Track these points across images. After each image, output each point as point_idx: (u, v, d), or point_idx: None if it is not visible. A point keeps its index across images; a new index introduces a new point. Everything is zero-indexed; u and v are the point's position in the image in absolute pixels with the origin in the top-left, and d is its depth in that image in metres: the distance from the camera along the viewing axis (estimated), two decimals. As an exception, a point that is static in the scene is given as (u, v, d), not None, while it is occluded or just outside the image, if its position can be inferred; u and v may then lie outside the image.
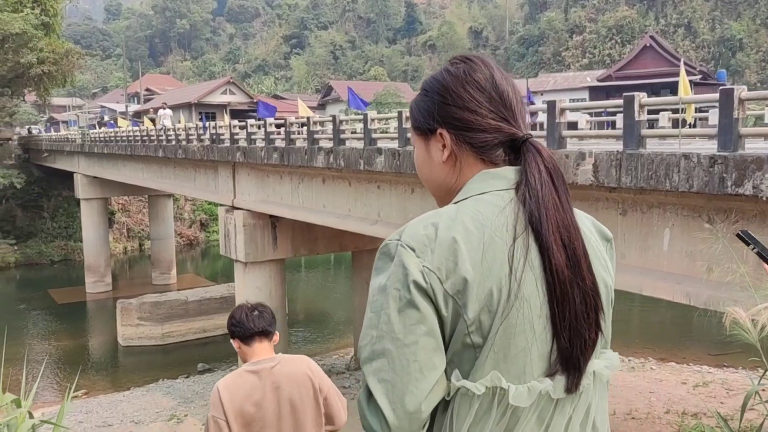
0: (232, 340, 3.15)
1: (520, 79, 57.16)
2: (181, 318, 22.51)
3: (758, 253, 2.19)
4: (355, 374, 17.44)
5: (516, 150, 1.28)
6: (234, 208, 15.97)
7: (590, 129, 12.40)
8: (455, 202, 1.26)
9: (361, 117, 11.03)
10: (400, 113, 10.08)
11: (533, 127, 8.80)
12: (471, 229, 1.17)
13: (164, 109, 24.77)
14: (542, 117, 8.86)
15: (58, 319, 25.87)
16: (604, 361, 1.29)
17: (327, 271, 34.60)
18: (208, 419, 2.87)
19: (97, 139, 27.57)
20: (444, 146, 1.31)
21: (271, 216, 15.20)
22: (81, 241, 30.97)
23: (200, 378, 18.01)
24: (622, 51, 65.51)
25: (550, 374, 1.19)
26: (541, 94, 45.15)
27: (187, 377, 18.29)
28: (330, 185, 12.45)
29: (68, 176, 32.40)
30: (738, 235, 2.24)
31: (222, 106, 50.89)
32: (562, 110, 7.50)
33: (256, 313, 3.06)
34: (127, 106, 55.13)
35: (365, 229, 11.15)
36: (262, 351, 3.01)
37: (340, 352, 20.74)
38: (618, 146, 7.03)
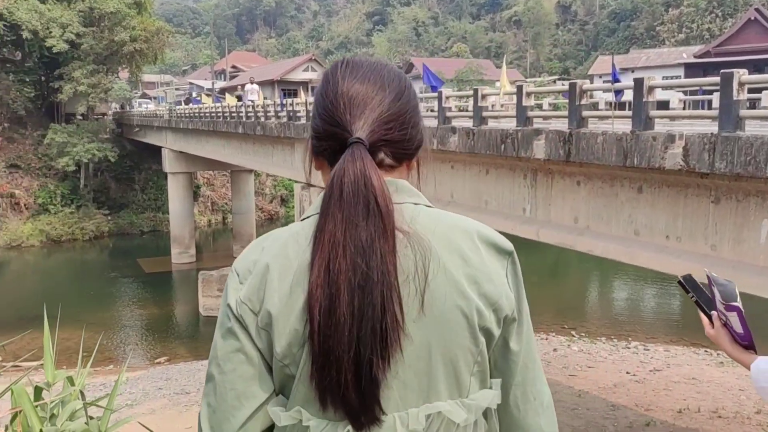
0: None
1: (607, 56, 54.86)
2: (258, 291, 22.99)
3: (696, 302, 1.98)
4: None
5: None
6: (309, 185, 16.02)
7: (683, 109, 11.59)
8: (301, 219, 1.20)
9: (437, 95, 10.71)
10: (476, 90, 9.70)
11: (618, 106, 8.25)
12: (289, 256, 1.12)
13: (252, 84, 25.10)
14: (628, 95, 8.29)
15: (145, 288, 27.05)
16: (456, 403, 1.12)
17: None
18: None
19: (183, 115, 28.40)
20: (306, 150, 1.27)
21: (345, 194, 15.15)
22: (168, 213, 32.16)
23: (275, 351, 18.36)
24: (722, 25, 61.53)
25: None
26: (632, 72, 43.14)
27: (262, 350, 18.67)
28: (404, 164, 12.23)
29: (157, 150, 33.62)
30: (679, 282, 2.02)
31: (303, 83, 51.46)
32: (651, 88, 6.95)
33: None
34: (213, 83, 56.66)
35: (438, 210, 10.88)
36: None
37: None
38: (713, 128, 6.44)
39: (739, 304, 1.84)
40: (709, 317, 1.90)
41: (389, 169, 1.19)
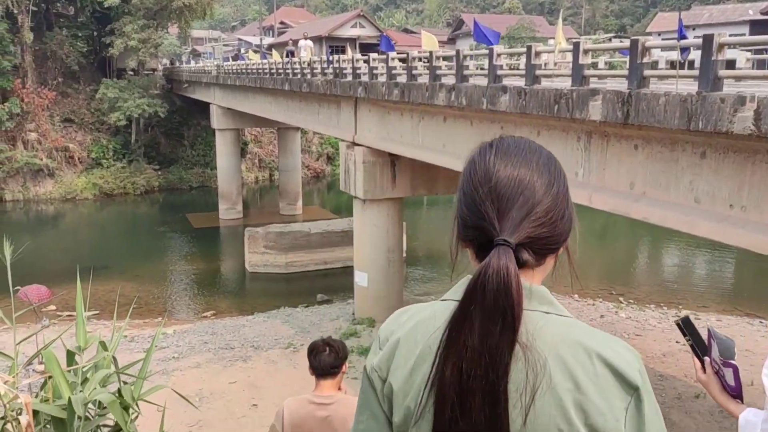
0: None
1: (672, 12, 52.38)
2: (303, 249, 23.15)
3: (692, 346, 2.04)
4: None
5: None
6: (355, 144, 15.82)
7: (751, 68, 10.86)
8: (441, 299, 1.25)
9: (487, 52, 10.27)
10: (529, 48, 9.25)
11: (682, 65, 7.72)
12: (417, 339, 1.18)
13: (306, 39, 24.71)
14: (691, 55, 7.74)
15: (193, 243, 27.56)
16: None
17: (449, 211, 34.26)
18: (270, 426, 3.65)
19: (230, 71, 28.36)
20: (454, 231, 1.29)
21: (390, 154, 14.91)
22: (216, 170, 32.49)
23: (318, 309, 18.49)
24: (794, -22, 57.92)
25: None
26: (693, 29, 41.11)
27: (306, 307, 18.84)
28: (450, 124, 11.88)
29: (206, 107, 33.83)
30: (676, 323, 2.09)
31: (351, 40, 50.81)
32: (721, 46, 6.44)
33: (326, 351, 3.60)
34: (261, 39, 56.44)
35: (485, 172, 10.54)
36: (326, 387, 3.61)
37: (457, 293, 20.49)
38: (787, 90, 5.94)
39: (735, 362, 1.87)
40: (702, 362, 1.96)
41: (533, 266, 1.20)
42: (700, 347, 2.03)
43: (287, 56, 23.65)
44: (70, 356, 3.20)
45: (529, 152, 1.22)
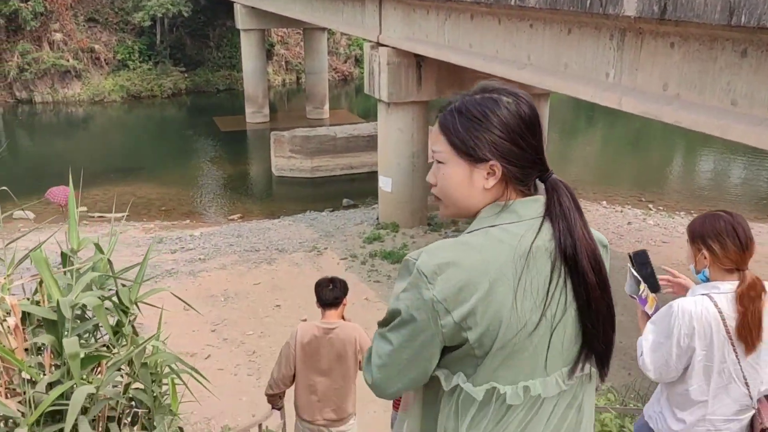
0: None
1: None
2: (329, 153, 23.01)
3: (640, 277, 2.45)
4: (495, 223, 17.04)
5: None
6: (379, 44, 15.27)
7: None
8: (469, 232, 1.42)
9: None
10: (562, -64, 8.56)
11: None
12: (487, 260, 1.32)
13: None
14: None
15: (220, 146, 27.58)
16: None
17: (478, 114, 33.47)
18: (285, 344, 4.24)
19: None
20: (489, 175, 1.42)
21: (416, 55, 14.38)
22: (242, 72, 32.00)
23: (343, 213, 18.56)
24: None
25: (570, 371, 1.44)
26: None
27: (331, 211, 18.93)
28: (478, 22, 11.30)
29: (230, 6, 32.90)
30: (629, 255, 2.48)
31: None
32: (772, -70, 5.83)
33: (330, 287, 4.14)
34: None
35: (512, 73, 10.10)
36: (330, 316, 4.17)
37: (483, 199, 20.32)
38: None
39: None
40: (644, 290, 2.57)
41: None
42: (649, 282, 2.42)
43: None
44: (65, 258, 3.15)
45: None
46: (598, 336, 1.42)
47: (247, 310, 11.69)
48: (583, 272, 1.37)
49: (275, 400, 4.53)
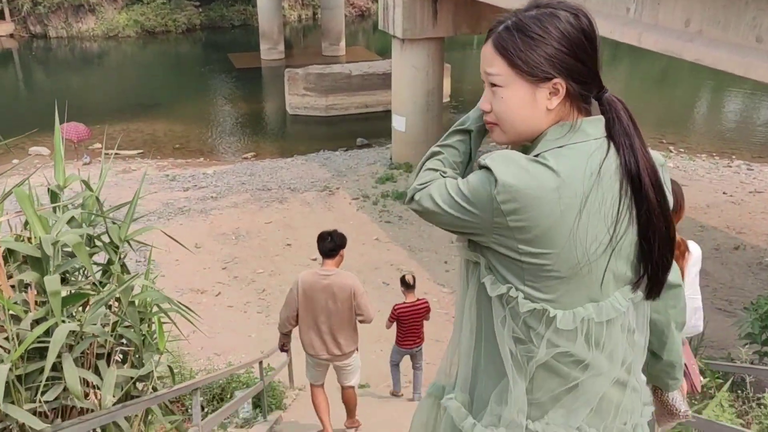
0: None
1: None
2: (344, 91, 22.66)
3: None
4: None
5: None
6: (394, -23, 14.77)
7: None
8: (536, 155, 1.36)
9: None
10: None
11: None
12: (559, 181, 1.30)
13: None
14: None
15: (234, 83, 27.28)
16: None
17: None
18: (289, 290, 4.68)
19: None
20: (552, 94, 1.37)
21: (431, -12, 13.92)
22: (257, 7, 31.33)
23: (357, 153, 18.40)
24: None
25: (634, 287, 1.43)
26: None
27: (345, 150, 18.77)
28: (496, -47, 10.84)
29: (243, -62, 32.02)
30: None
31: None
32: None
33: (328, 239, 4.57)
34: None
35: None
36: (328, 264, 4.60)
37: (499, 139, 20.00)
38: None
39: None
40: None
41: None
42: None
43: None
44: (53, 195, 3.09)
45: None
46: (653, 258, 1.40)
47: (258, 248, 11.76)
48: (645, 191, 1.35)
49: (285, 339, 4.98)
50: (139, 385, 3.17)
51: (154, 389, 3.08)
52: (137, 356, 3.07)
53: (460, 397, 1.54)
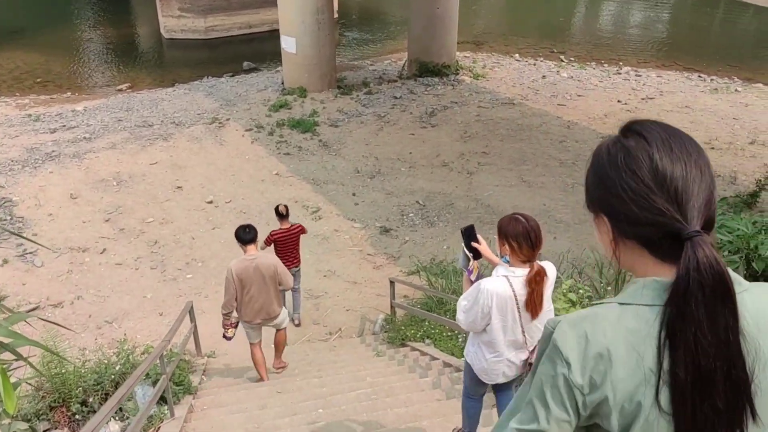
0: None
1: None
2: (224, 10, 20.88)
3: (468, 251, 3.16)
4: (407, 83, 16.18)
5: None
6: None
7: None
8: (619, 303, 1.21)
9: None
10: None
11: None
12: (618, 346, 1.17)
13: None
14: None
15: (100, 5, 24.64)
16: None
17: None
18: (225, 277, 5.43)
19: None
20: (607, 228, 1.25)
21: None
22: None
23: (245, 78, 17.07)
24: None
25: None
26: None
27: (231, 76, 17.37)
28: None
29: None
30: (461, 231, 3.19)
31: None
32: None
33: (247, 230, 5.48)
34: None
35: None
36: (251, 250, 5.48)
37: (393, 57, 19.21)
38: None
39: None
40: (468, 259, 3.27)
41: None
42: (474, 253, 3.07)
43: None
44: None
45: (686, 139, 1.19)
46: None
47: (144, 194, 10.58)
48: (675, 371, 1.15)
49: (227, 320, 5.61)
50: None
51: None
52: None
53: None
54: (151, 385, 4.39)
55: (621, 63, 19.44)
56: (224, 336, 5.59)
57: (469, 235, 3.10)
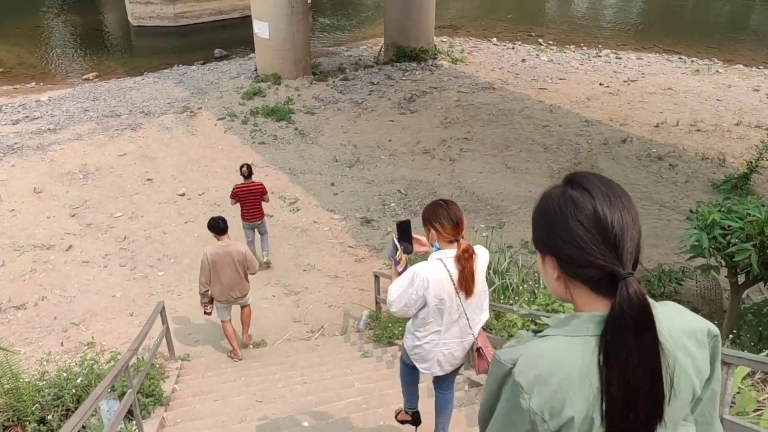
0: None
1: None
2: (194, -4, 20.23)
3: (395, 240, 3.17)
4: (384, 69, 15.73)
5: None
6: None
7: None
8: (565, 336, 1.36)
9: None
10: None
11: None
12: (573, 374, 1.31)
13: None
14: None
15: (62, -7, 23.71)
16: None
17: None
18: (201, 262, 6.23)
19: None
20: (554, 267, 1.39)
21: None
22: None
23: (216, 66, 16.47)
24: None
25: None
26: None
27: (202, 64, 16.77)
28: None
29: None
30: (396, 224, 3.21)
31: None
32: None
33: (221, 223, 6.18)
34: None
35: None
36: (224, 239, 6.22)
37: (368, 42, 18.73)
38: None
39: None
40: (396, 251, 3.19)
41: None
42: (406, 246, 3.15)
43: None
44: None
45: (620, 189, 1.36)
46: None
47: (113, 187, 10.04)
48: (608, 395, 1.30)
49: (204, 299, 6.27)
50: None
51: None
52: None
53: None
54: (118, 398, 3.96)
55: (600, 46, 19.19)
56: (205, 312, 6.39)
57: (404, 230, 3.17)
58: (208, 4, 20.40)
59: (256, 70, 15.11)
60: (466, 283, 3.07)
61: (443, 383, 3.53)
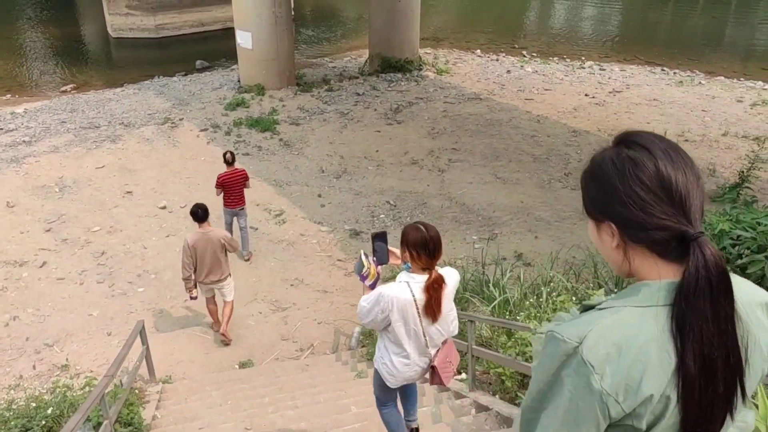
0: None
1: None
2: (174, 8, 19.92)
3: (373, 249, 3.28)
4: (369, 80, 15.53)
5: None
6: None
7: None
8: (635, 306, 1.25)
9: None
10: None
11: None
12: (650, 349, 1.21)
13: None
14: None
15: (42, 3, 23.30)
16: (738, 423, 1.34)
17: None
18: (182, 247, 6.51)
19: None
20: (613, 235, 1.30)
21: None
22: None
23: (198, 77, 16.17)
24: None
25: None
26: None
27: (184, 75, 16.47)
28: None
29: None
30: (372, 235, 3.34)
31: None
32: None
33: (200, 212, 6.45)
34: None
35: None
36: (204, 226, 6.47)
37: (352, 53, 18.55)
38: None
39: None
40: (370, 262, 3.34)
41: None
42: (380, 257, 3.29)
43: None
44: None
45: (681, 150, 1.26)
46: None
47: (91, 200, 9.68)
48: (684, 362, 1.21)
49: (188, 284, 6.49)
50: None
51: None
52: None
53: None
54: (93, 430, 3.64)
55: (583, 57, 19.19)
56: (190, 297, 6.57)
57: (380, 241, 3.25)
58: (189, 15, 20.13)
59: (239, 80, 14.83)
60: (432, 311, 3.19)
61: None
